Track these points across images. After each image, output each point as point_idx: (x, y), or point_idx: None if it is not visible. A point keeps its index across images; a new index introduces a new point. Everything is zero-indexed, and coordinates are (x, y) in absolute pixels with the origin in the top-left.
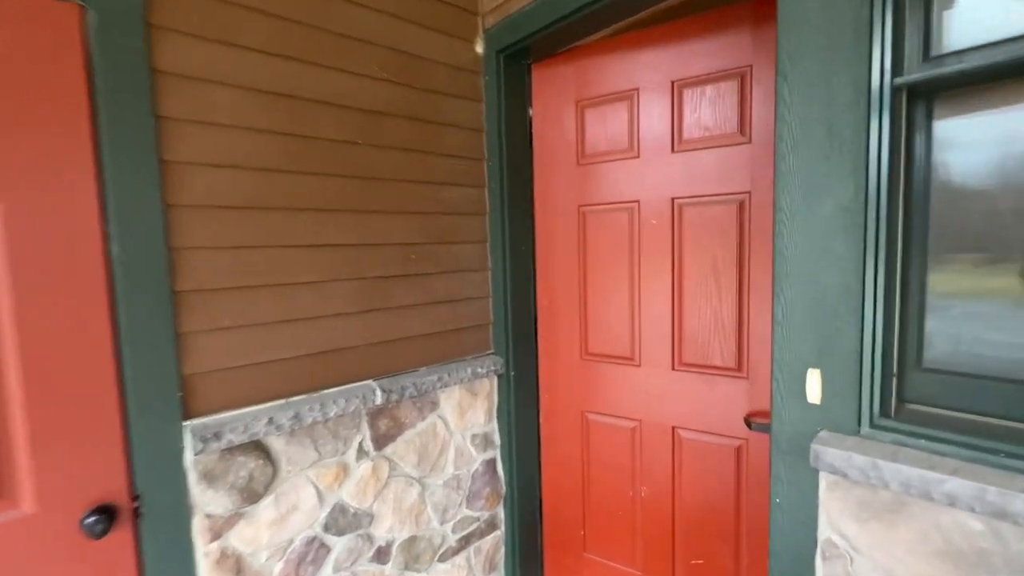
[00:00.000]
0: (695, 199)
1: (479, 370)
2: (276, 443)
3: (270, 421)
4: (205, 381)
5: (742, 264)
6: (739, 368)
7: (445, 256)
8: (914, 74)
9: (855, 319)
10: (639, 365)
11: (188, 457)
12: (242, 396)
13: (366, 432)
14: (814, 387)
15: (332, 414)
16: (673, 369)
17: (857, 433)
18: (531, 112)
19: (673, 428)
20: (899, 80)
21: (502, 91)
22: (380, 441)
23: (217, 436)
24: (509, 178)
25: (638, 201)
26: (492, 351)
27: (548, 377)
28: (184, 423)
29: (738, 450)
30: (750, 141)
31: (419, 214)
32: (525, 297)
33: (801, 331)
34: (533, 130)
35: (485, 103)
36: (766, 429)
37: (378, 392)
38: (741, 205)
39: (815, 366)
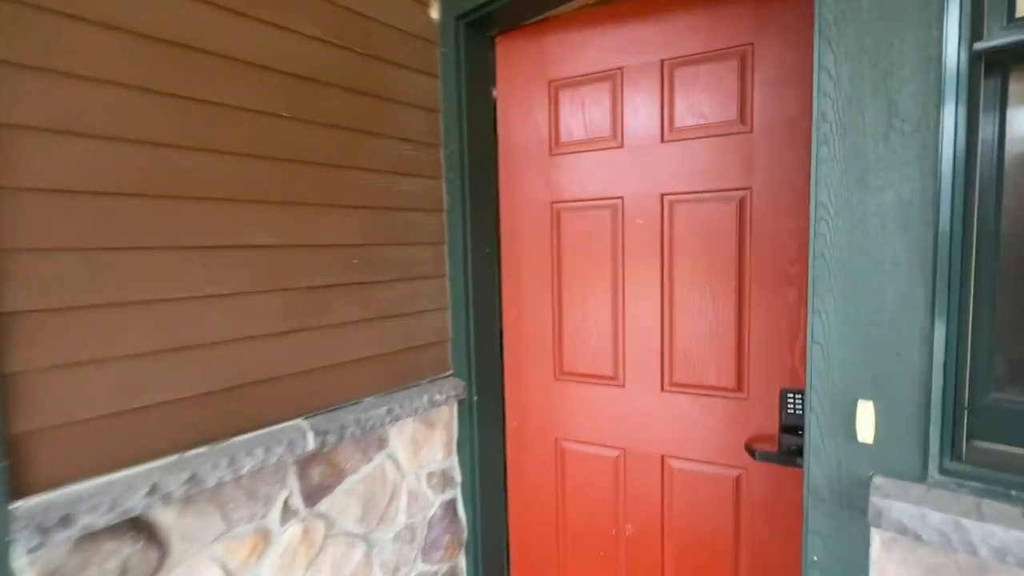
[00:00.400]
0: (688, 196)
1: (436, 397)
2: (165, 516)
3: (153, 489)
4: (48, 441)
5: (742, 269)
6: (738, 388)
7: (394, 260)
8: (997, 39)
9: (921, 339)
10: (623, 385)
11: (18, 555)
12: (110, 456)
13: (294, 486)
14: (866, 422)
15: (246, 469)
16: (662, 390)
17: (923, 480)
18: (495, 92)
19: (662, 457)
20: (979, 45)
21: (462, 66)
22: (313, 495)
23: (66, 521)
24: (470, 168)
25: (622, 198)
26: (451, 372)
27: (517, 401)
28: (12, 505)
29: (737, 480)
30: (751, 130)
31: (362, 209)
32: (490, 308)
33: (848, 353)
34: (498, 113)
35: (442, 79)
36: (773, 458)
37: (310, 434)
38: (741, 203)
39: (867, 397)
